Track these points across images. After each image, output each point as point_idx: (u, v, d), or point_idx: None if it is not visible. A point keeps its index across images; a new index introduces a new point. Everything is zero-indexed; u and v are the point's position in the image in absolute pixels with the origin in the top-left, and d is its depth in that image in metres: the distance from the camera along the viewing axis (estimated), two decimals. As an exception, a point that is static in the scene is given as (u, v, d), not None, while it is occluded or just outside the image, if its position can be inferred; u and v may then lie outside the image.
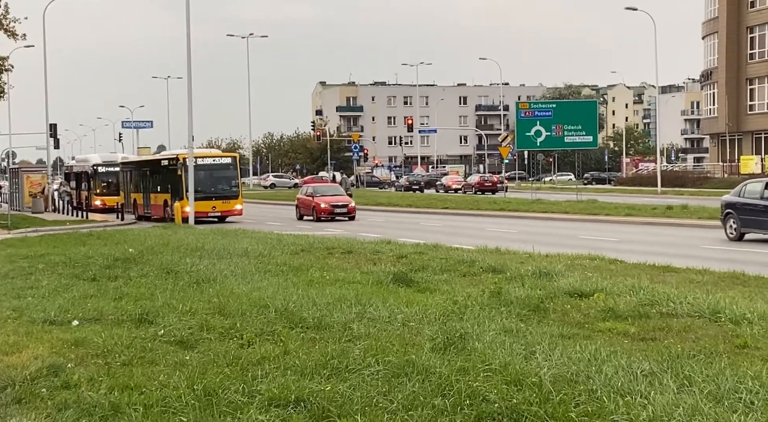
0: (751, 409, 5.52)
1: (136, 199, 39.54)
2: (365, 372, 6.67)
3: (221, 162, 35.67)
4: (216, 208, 34.16)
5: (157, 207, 36.71)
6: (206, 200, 33.68)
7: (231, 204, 34.57)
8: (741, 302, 9.53)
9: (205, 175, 34.38)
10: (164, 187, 36.04)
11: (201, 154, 35.77)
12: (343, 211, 33.01)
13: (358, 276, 13.01)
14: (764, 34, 59.90)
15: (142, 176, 39.49)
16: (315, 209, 33.06)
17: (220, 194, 34.59)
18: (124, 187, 42.08)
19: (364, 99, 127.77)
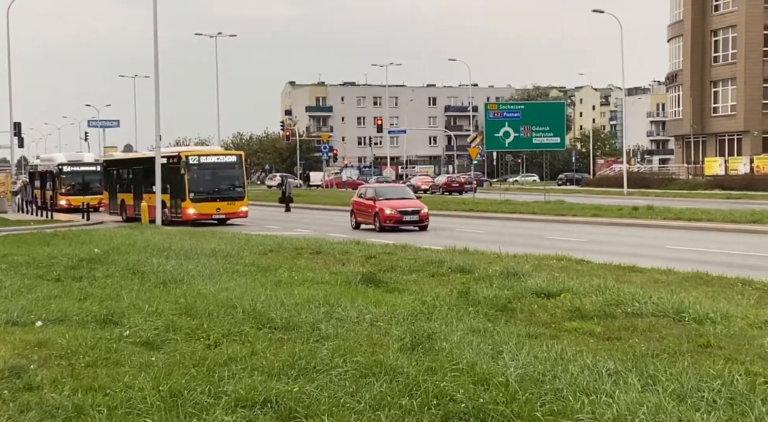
0: (714, 408, 5.59)
1: (124, 200, 36.79)
2: (333, 373, 6.66)
3: (225, 160, 33.04)
4: (221, 210, 31.76)
5: (153, 208, 33.75)
6: (210, 201, 31.51)
7: (236, 205, 32.17)
8: (704, 302, 9.65)
9: (208, 175, 32.14)
10: (162, 187, 33.01)
11: (204, 152, 33.88)
12: (413, 218, 26.90)
13: (327, 277, 12.99)
14: (728, 38, 60.84)
15: (134, 175, 36.60)
16: (378, 216, 27.02)
17: (224, 195, 32.18)
18: (108, 186, 39.17)
19: (334, 99, 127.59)
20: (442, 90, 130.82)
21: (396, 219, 26.69)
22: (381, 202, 27.43)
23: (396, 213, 26.75)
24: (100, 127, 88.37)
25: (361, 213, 28.46)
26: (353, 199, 29.71)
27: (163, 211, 32.43)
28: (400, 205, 27.21)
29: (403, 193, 29.30)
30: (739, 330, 8.18)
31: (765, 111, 59.21)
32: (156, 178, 31.76)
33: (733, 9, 59.96)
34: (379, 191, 28.72)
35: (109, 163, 41.15)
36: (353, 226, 28.54)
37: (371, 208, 27.54)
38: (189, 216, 31.02)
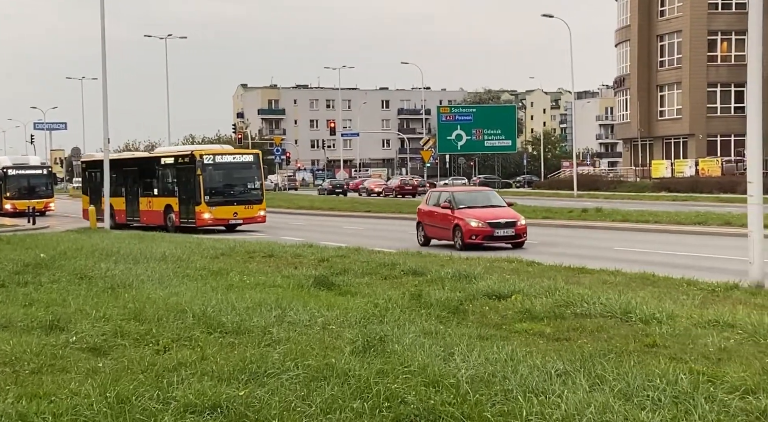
0: (659, 406, 5.69)
1: (112, 205, 32.81)
2: (284, 377, 6.62)
3: (242, 160, 30.27)
4: (237, 215, 29.09)
5: (153, 213, 31.27)
6: (226, 205, 28.91)
7: (254, 209, 29.41)
8: (651, 302, 9.82)
9: (224, 176, 29.53)
10: (167, 189, 30.91)
11: (219, 151, 30.91)
12: (508, 232, 20.88)
13: (279, 280, 12.93)
14: (673, 43, 62.12)
15: (128, 177, 33.43)
16: (459, 230, 21.02)
17: (241, 198, 29.48)
18: (89, 190, 35.93)
19: (287, 102, 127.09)
20: (395, 93, 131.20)
21: (485, 234, 20.74)
22: (462, 212, 21.28)
23: (484, 226, 20.72)
24: (46, 129, 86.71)
25: (432, 226, 22.28)
26: (420, 208, 23.59)
27: (168, 217, 30.04)
28: (490, 216, 20.96)
29: (491, 199, 22.61)
30: (684, 330, 8.34)
31: (710, 114, 60.57)
32: (104, 179, 30.48)
33: (678, 15, 61.23)
34: (458, 197, 22.27)
35: (89, 164, 37.58)
36: (421, 242, 22.41)
37: (448, 219, 21.41)
38: (204, 222, 28.49)
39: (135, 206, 32.52)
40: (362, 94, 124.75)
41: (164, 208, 30.43)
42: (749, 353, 7.31)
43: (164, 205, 30.55)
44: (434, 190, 26.22)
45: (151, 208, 31.31)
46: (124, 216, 32.97)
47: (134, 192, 32.73)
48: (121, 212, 33.11)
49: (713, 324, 8.55)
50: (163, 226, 29.96)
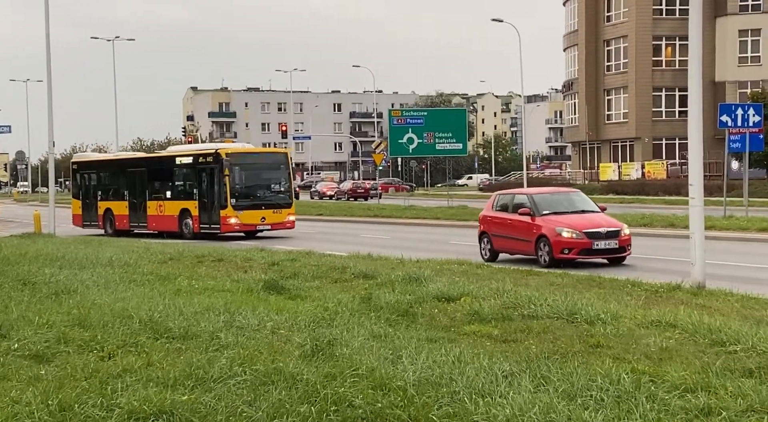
0: (602, 406, 5.79)
1: (110, 209, 30.87)
2: (231, 382, 6.58)
3: (271, 159, 28.27)
4: (266, 220, 26.55)
5: (165, 219, 28.38)
6: (254, 209, 26.45)
7: (283, 214, 26.98)
8: (596, 303, 9.98)
9: (251, 177, 27.05)
10: (183, 191, 28.23)
11: (246, 150, 28.30)
12: (610, 244, 16.71)
13: (228, 285, 12.84)
14: (620, 48, 63.26)
15: (132, 179, 30.54)
16: (545, 241, 16.80)
17: (270, 201, 26.99)
18: (82, 193, 32.88)
19: (237, 105, 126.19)
20: (347, 96, 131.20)
21: (581, 248, 16.51)
22: (547, 219, 17.03)
23: (580, 237, 16.52)
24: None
25: (504, 237, 18.14)
26: (484, 214, 19.20)
27: (185, 223, 27.37)
28: (585, 224, 16.84)
29: (579, 203, 18.22)
30: (627, 330, 8.49)
31: (655, 118, 61.78)
32: (50, 183, 29.40)
33: (624, 20, 62.36)
34: (540, 201, 17.75)
35: (81, 165, 34.08)
36: (486, 256, 18.37)
37: (528, 229, 17.28)
38: (230, 228, 26.07)
39: (141, 211, 29.62)
40: (314, 97, 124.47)
41: (179, 213, 27.70)
42: (689, 352, 7.48)
43: (179, 209, 27.77)
44: (503, 193, 20.24)
45: (162, 212, 28.55)
46: (127, 222, 30.24)
47: (140, 195, 29.82)
48: (122, 217, 30.40)
49: (656, 325, 8.72)
50: (176, 233, 27.44)
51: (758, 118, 26.24)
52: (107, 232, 30.53)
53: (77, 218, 33.09)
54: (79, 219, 33.02)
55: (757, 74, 57.92)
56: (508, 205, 18.65)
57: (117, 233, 29.78)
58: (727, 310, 9.82)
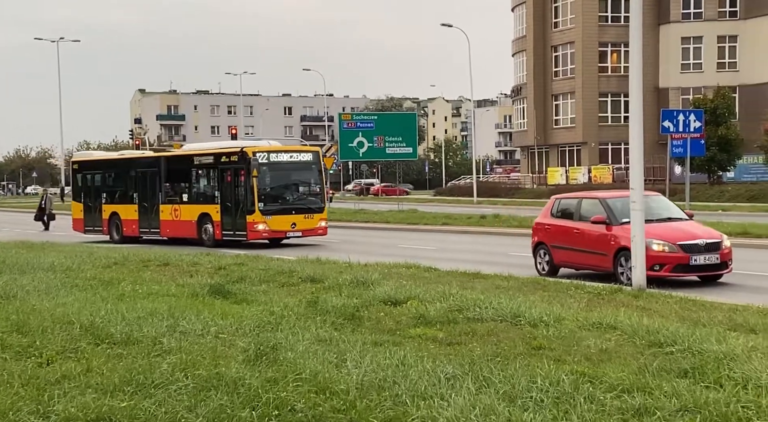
0: (541, 407, 5.87)
1: (117, 213, 28.29)
2: (172, 387, 6.51)
3: (301, 158, 25.00)
4: (296, 226, 24.17)
5: (181, 224, 25.86)
6: (283, 214, 24.01)
7: (314, 219, 24.60)
8: (540, 306, 10.11)
9: (280, 178, 24.66)
10: (202, 194, 25.73)
11: (273, 148, 25.29)
12: (711, 259, 14.13)
13: (173, 289, 12.70)
14: (567, 53, 64.23)
15: (142, 180, 27.90)
16: (627, 255, 13.76)
17: (300, 205, 24.67)
18: (83, 196, 30.21)
19: (186, 107, 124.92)
20: (297, 99, 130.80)
21: (677, 263, 13.94)
22: (629, 229, 13.24)
23: (675, 250, 13.95)
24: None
25: (566, 250, 15.55)
26: (539, 222, 16.76)
27: (204, 229, 24.91)
28: (680, 235, 14.26)
29: (665, 208, 15.59)
30: (569, 332, 8.61)
31: (601, 123, 62.84)
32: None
33: (571, 26, 63.34)
34: (617, 205, 14.94)
35: (83, 165, 31.13)
36: (544, 270, 16.00)
37: (604, 240, 14.69)
38: (257, 235, 23.74)
39: (152, 215, 27.01)
40: (264, 101, 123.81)
41: (198, 218, 25.19)
42: (628, 353, 7.63)
43: (198, 214, 25.23)
44: (563, 196, 17.19)
45: (177, 217, 25.97)
46: (136, 228, 27.65)
47: (152, 197, 27.21)
48: (130, 223, 27.79)
49: (597, 326, 8.86)
50: (193, 240, 24.98)
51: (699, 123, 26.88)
52: (113, 239, 28.15)
53: (78, 223, 30.47)
54: (80, 223, 30.34)
55: (699, 81, 59.30)
56: (573, 211, 15.74)
57: (124, 240, 27.30)
58: (666, 312, 10.03)
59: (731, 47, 60.75)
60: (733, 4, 60.60)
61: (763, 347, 7.56)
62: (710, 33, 60.60)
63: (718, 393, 6.02)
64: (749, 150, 47.65)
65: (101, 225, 28.94)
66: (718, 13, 60.76)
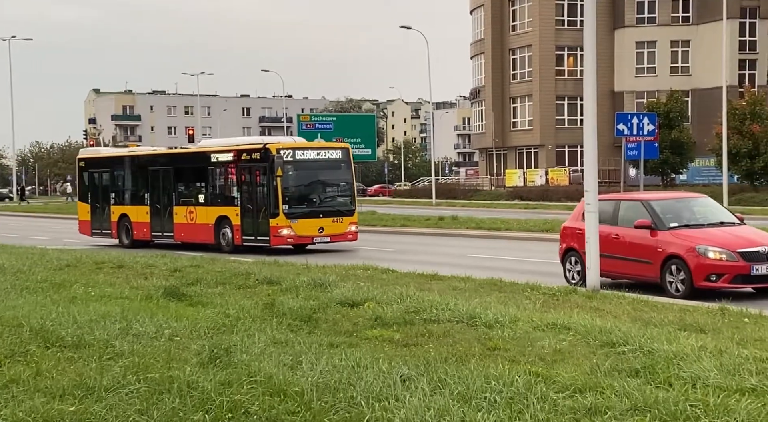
0: (495, 407, 5.90)
1: (126, 215, 26.27)
2: (123, 391, 6.43)
3: (330, 156, 22.94)
4: (324, 231, 22.19)
5: (197, 228, 23.86)
6: (310, 217, 22.16)
7: (344, 223, 22.65)
8: (496, 307, 10.18)
9: (307, 177, 22.72)
10: (221, 195, 23.66)
11: (299, 145, 23.27)
12: None
13: (127, 292, 12.57)
14: (524, 56, 64.86)
15: (154, 180, 25.72)
16: (680, 264, 12.82)
17: (329, 207, 22.69)
18: (91, 196, 28.04)
19: (142, 108, 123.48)
20: (256, 100, 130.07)
21: (736, 273, 12.63)
22: (680, 234, 13.16)
23: (734, 258, 12.63)
24: None
25: (602, 257, 13.24)
26: (569, 226, 15.41)
27: (222, 233, 22.94)
28: (739, 241, 12.94)
29: (715, 212, 14.37)
30: (524, 333, 8.68)
31: (558, 126, 63.55)
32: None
33: (528, 30, 63.97)
34: (662, 208, 13.84)
35: (90, 162, 28.69)
36: (573, 278, 14.67)
37: (648, 247, 13.45)
38: (282, 241, 21.79)
39: (165, 217, 24.98)
40: (222, 101, 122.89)
41: (216, 221, 23.18)
42: (581, 354, 7.71)
43: (216, 216, 23.22)
44: (605, 197, 15.32)
45: (193, 220, 23.98)
46: (147, 231, 25.59)
47: (165, 198, 25.17)
48: (141, 225, 25.71)
49: (551, 327, 8.94)
50: (210, 245, 23.09)
51: (653, 127, 27.31)
52: (122, 243, 26.21)
53: (84, 225, 28.27)
54: (86, 226, 28.16)
55: (653, 84, 60.31)
56: (610, 214, 14.28)
57: (134, 244, 25.51)
58: (619, 312, 10.17)
59: (684, 52, 61.90)
60: (685, 9, 61.74)
61: (711, 347, 7.70)
62: (664, 37, 61.68)
63: (668, 393, 6.12)
64: (701, 153, 48.56)
65: (110, 228, 26.85)
66: (671, 18, 61.86)
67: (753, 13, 60.33)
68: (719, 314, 9.85)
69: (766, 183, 40.85)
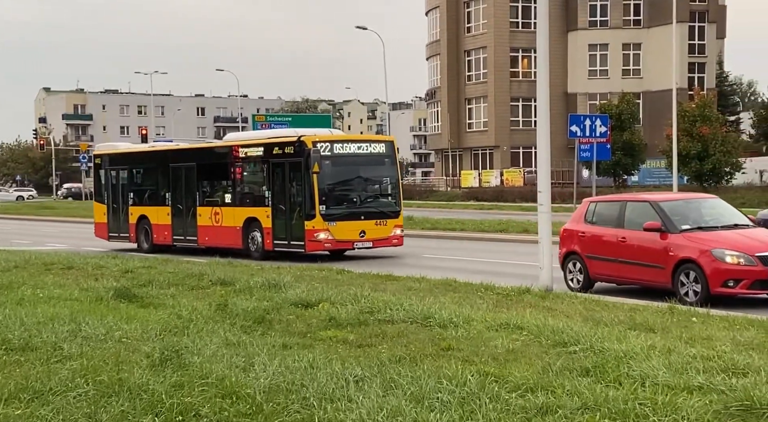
0: (447, 407, 5.92)
1: (146, 217, 24.05)
2: (71, 394, 6.32)
3: (372, 151, 20.62)
4: (365, 235, 19.91)
5: (223, 231, 21.67)
6: (350, 220, 19.83)
7: (388, 226, 20.31)
8: (450, 307, 10.22)
9: (346, 174, 20.40)
10: (249, 195, 21.52)
11: (337, 137, 21.12)
12: None
13: (77, 293, 12.37)
14: (479, 58, 65.29)
15: (175, 178, 23.48)
16: (695, 269, 12.13)
17: (371, 209, 20.31)
18: (108, 195, 25.67)
19: (94, 107, 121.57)
20: (210, 100, 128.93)
21: (755, 279, 11.90)
22: (693, 237, 12.46)
23: (753, 263, 11.92)
24: None
25: (607, 261, 13.47)
26: (570, 228, 14.53)
27: (251, 237, 20.78)
28: (756, 244, 12.22)
29: (727, 213, 13.59)
30: (477, 333, 8.72)
31: (513, 128, 64.09)
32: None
33: (483, 31, 64.42)
34: (672, 209, 13.12)
35: (107, 159, 26.21)
36: (575, 283, 14.02)
37: (658, 251, 12.67)
38: (318, 246, 19.55)
39: (188, 220, 22.74)
40: (176, 101, 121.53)
41: (244, 224, 20.98)
42: (533, 353, 7.78)
43: (244, 218, 21.02)
44: (601, 199, 15.12)
45: (218, 222, 21.77)
46: (169, 235, 23.31)
47: (188, 198, 22.98)
48: (162, 228, 23.49)
49: (504, 327, 9.00)
50: (238, 251, 20.75)
51: (605, 128, 27.71)
52: (141, 247, 23.87)
53: (101, 228, 25.84)
54: (103, 229, 25.74)
55: (606, 87, 61.16)
56: (615, 216, 13.59)
57: (154, 248, 23.32)
58: (571, 312, 10.28)
59: (635, 55, 62.89)
60: (637, 12, 62.74)
61: (660, 346, 7.82)
62: (615, 40, 62.60)
63: (617, 391, 6.20)
64: (652, 154, 49.38)
65: (128, 231, 24.63)
66: (623, 21, 62.81)
67: (702, 17, 61.58)
68: (668, 313, 10.01)
69: (714, 184, 41.66)
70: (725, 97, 67.08)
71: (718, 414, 5.75)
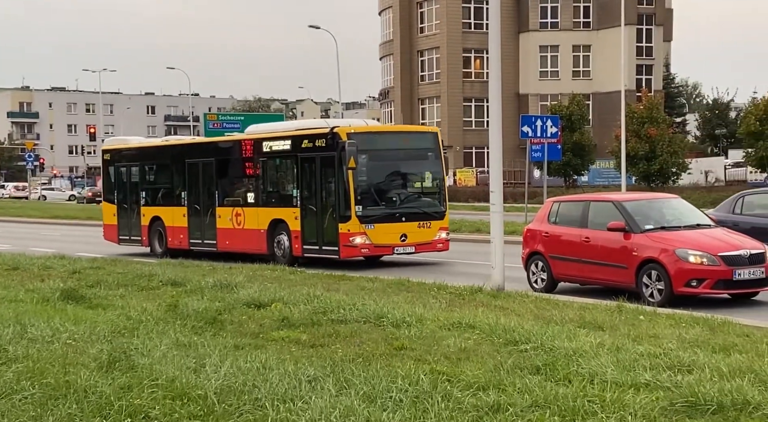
0: (400, 406, 5.94)
1: (160, 218, 21.80)
2: (17, 397, 6.20)
3: (414, 144, 18.70)
4: (407, 239, 17.64)
5: (245, 234, 19.46)
6: (389, 222, 17.56)
7: (432, 229, 18.03)
8: (403, 306, 10.24)
9: (384, 170, 18.17)
10: (274, 194, 19.34)
11: (373, 129, 19.27)
12: (756, 273, 11.99)
13: (22, 294, 12.14)
14: (432, 58, 65.60)
15: (192, 175, 21.21)
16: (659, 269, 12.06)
17: (412, 209, 18.05)
18: (118, 195, 23.41)
19: (40, 105, 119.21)
20: (161, 98, 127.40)
21: (718, 278, 11.89)
22: (656, 237, 12.37)
23: (716, 263, 11.88)
24: None
25: (570, 261, 13.40)
26: (533, 228, 14.40)
27: (278, 241, 18.61)
28: (719, 244, 12.20)
29: (690, 213, 13.50)
30: (430, 333, 8.76)
31: (465, 128, 64.52)
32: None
33: (436, 32, 64.73)
34: (635, 209, 13.01)
35: (116, 155, 23.85)
36: (538, 284, 13.86)
37: (622, 251, 12.57)
38: (354, 252, 17.44)
39: (207, 221, 20.52)
40: (126, 99, 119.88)
41: (269, 226, 18.79)
42: (485, 352, 7.83)
43: (269, 220, 18.80)
44: (563, 199, 14.94)
45: (240, 224, 19.61)
46: (185, 238, 21.01)
47: (206, 198, 20.72)
48: (177, 231, 21.23)
49: (457, 326, 9.05)
50: (263, 256, 18.42)
51: (556, 129, 28.02)
52: (154, 251, 21.69)
53: (110, 230, 23.50)
54: (112, 231, 23.35)
55: (556, 88, 61.93)
56: (579, 216, 13.50)
57: (169, 252, 21.07)
58: (523, 311, 10.38)
59: (585, 56, 63.78)
60: (586, 15, 63.65)
61: (609, 343, 7.94)
62: (566, 42, 63.42)
63: (567, 389, 6.28)
64: (601, 155, 50.12)
65: (139, 234, 22.34)
66: (573, 23, 63.67)
67: (649, 20, 62.70)
68: (617, 312, 10.16)
69: (661, 184, 42.45)
70: (672, 98, 68.44)
71: (664, 410, 5.86)
